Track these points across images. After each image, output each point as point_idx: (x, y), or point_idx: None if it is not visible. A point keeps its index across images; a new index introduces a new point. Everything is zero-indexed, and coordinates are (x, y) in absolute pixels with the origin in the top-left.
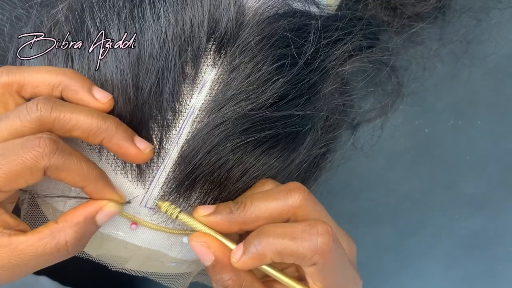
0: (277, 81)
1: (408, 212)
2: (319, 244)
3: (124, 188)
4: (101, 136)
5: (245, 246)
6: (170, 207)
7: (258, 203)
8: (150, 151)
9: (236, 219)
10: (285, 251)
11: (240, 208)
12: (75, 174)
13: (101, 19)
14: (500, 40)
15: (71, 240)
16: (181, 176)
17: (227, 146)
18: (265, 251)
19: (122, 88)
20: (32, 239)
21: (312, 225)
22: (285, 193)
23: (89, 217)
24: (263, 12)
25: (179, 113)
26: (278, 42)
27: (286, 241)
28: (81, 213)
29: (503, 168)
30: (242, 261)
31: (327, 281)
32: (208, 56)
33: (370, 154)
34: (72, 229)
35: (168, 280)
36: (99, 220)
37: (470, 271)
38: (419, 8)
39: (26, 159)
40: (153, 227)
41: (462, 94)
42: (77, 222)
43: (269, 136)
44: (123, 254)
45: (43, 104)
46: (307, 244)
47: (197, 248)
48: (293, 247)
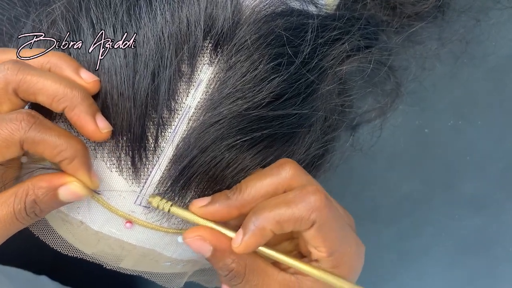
0: (273, 80)
1: (408, 212)
2: (312, 202)
3: (119, 186)
4: (64, 104)
5: (243, 227)
6: (161, 202)
7: (252, 183)
8: (107, 132)
9: (234, 204)
10: (283, 218)
11: (236, 193)
12: (51, 148)
13: (97, 17)
14: (499, 40)
15: (29, 201)
16: (176, 175)
17: (223, 144)
18: (263, 224)
19: (118, 86)
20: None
21: (302, 188)
22: (276, 168)
23: (52, 187)
24: (260, 11)
25: (175, 111)
26: (275, 41)
27: (282, 209)
28: (47, 179)
29: (503, 168)
30: (244, 242)
31: (328, 242)
32: (204, 55)
33: (370, 154)
34: (33, 191)
35: (163, 280)
36: (61, 195)
37: (470, 271)
38: (419, 8)
39: (2, 131)
40: (148, 225)
41: (462, 94)
42: (39, 186)
43: (265, 135)
44: (118, 252)
45: (11, 64)
46: (301, 205)
47: (193, 244)
48: (289, 212)
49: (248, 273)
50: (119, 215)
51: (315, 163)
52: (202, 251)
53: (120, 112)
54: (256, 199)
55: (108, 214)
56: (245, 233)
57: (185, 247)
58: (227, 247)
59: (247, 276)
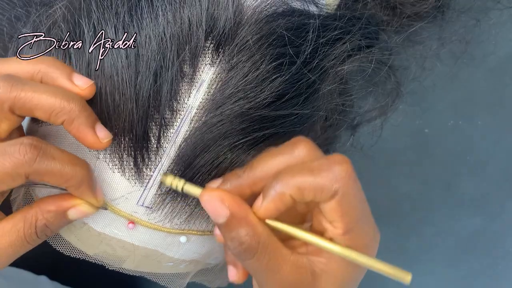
0: (275, 80)
1: (408, 212)
2: (337, 171)
3: (122, 187)
4: (62, 118)
5: (264, 193)
6: (174, 180)
7: (264, 160)
8: (108, 141)
9: (245, 182)
10: (305, 185)
11: (247, 170)
12: (57, 178)
13: (98, 18)
14: (499, 40)
15: (40, 226)
16: (178, 175)
17: (225, 145)
18: (284, 189)
19: (120, 87)
20: (7, 226)
21: (329, 157)
22: (290, 146)
23: (61, 210)
24: (261, 11)
25: (177, 112)
26: (276, 41)
27: (305, 176)
28: (55, 203)
29: (503, 168)
30: (264, 207)
31: (347, 218)
32: (206, 55)
33: (370, 154)
34: (42, 216)
35: (165, 280)
36: (71, 215)
37: (470, 271)
38: (419, 8)
39: (6, 166)
40: (150, 226)
41: (462, 94)
42: (48, 210)
43: (267, 135)
44: (120, 253)
45: (3, 81)
46: (325, 174)
47: (210, 204)
48: (312, 179)
49: (261, 250)
50: (122, 216)
51: None
52: (217, 213)
53: (122, 113)
54: (268, 177)
55: (111, 215)
56: (264, 197)
57: (187, 247)
58: (244, 215)
59: (259, 253)
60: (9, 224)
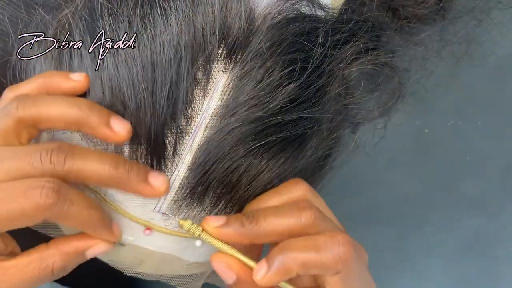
0: (288, 85)
1: (408, 212)
2: (341, 253)
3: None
4: (113, 185)
5: (269, 262)
6: (192, 226)
7: (271, 219)
8: (166, 188)
9: (247, 234)
10: (310, 263)
11: (252, 223)
12: (74, 222)
13: (110, 26)
14: (500, 40)
15: (58, 267)
16: (194, 181)
17: (239, 151)
18: (290, 265)
19: (137, 96)
20: (21, 263)
21: (333, 235)
22: (298, 211)
23: (80, 251)
24: (272, 18)
25: (192, 119)
26: (288, 47)
27: (310, 254)
28: (73, 245)
29: (503, 168)
30: (268, 277)
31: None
32: (219, 62)
33: (370, 154)
34: (60, 257)
35: (180, 283)
36: (89, 254)
37: (470, 271)
38: (419, 10)
39: (26, 208)
40: (166, 231)
41: (462, 94)
42: (66, 252)
43: (279, 139)
44: (136, 258)
45: (57, 156)
46: (330, 254)
47: (218, 268)
48: (318, 259)
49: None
50: (139, 222)
51: (324, 163)
52: (225, 277)
53: (139, 122)
54: (271, 236)
55: (127, 222)
56: (269, 268)
57: (202, 251)
58: (250, 279)
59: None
60: (23, 262)
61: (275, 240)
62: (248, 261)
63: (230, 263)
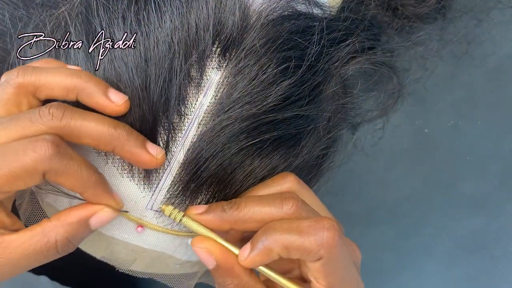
0: (282, 83)
1: (408, 212)
2: (325, 238)
3: (131, 191)
4: (112, 144)
5: (252, 243)
6: (174, 211)
7: (252, 205)
8: (162, 156)
9: (227, 218)
10: (292, 246)
11: (233, 208)
12: (73, 180)
13: (106, 22)
14: (500, 40)
15: (61, 239)
16: (187, 179)
17: (232, 148)
18: (272, 246)
19: (129, 91)
20: (23, 237)
21: (318, 220)
22: (280, 201)
23: (83, 219)
24: (267, 15)
25: (185, 116)
26: (282, 45)
27: (293, 236)
28: (75, 214)
29: (503, 168)
30: (250, 258)
31: (331, 278)
32: (213, 59)
33: (370, 154)
34: (63, 229)
35: (173, 281)
36: (93, 224)
37: (470, 271)
38: (419, 9)
39: (26, 162)
40: (159, 229)
41: (462, 94)
42: (70, 222)
43: (274, 137)
44: (129, 256)
45: (55, 109)
46: (313, 238)
47: (199, 253)
48: (300, 242)
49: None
50: (131, 220)
51: (321, 163)
52: (206, 262)
53: (131, 118)
54: (251, 222)
55: (120, 219)
56: (252, 249)
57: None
58: (230, 265)
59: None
60: (25, 236)
61: (255, 227)
62: (228, 245)
63: (211, 248)
